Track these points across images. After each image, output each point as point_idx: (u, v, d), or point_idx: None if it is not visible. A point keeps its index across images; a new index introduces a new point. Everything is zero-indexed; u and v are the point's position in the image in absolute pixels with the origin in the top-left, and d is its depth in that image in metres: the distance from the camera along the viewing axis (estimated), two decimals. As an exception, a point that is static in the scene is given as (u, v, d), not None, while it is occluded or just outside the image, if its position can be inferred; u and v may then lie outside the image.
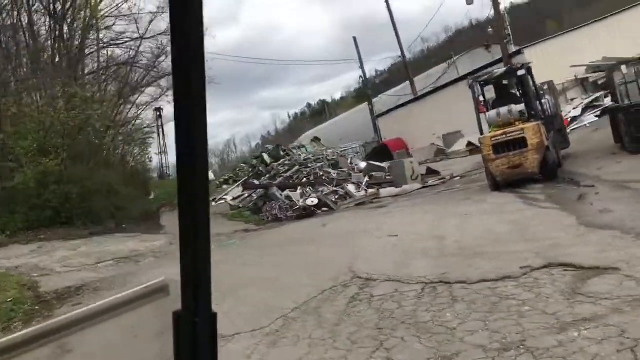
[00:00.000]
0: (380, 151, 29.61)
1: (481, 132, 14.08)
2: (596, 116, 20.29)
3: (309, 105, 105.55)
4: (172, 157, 40.42)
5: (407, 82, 37.71)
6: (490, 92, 14.68)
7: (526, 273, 6.19)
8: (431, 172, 19.99)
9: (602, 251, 6.21)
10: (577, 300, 4.94)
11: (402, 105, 35.45)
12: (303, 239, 12.26)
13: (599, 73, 22.57)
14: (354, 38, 37.56)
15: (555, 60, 22.32)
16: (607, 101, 20.89)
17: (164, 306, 0.95)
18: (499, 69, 14.88)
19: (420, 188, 17.66)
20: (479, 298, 5.60)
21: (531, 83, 14.20)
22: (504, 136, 12.67)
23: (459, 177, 17.94)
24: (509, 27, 24.82)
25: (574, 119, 20.57)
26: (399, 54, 37.59)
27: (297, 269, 8.99)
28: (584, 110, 20.83)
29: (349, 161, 21.76)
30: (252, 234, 15.61)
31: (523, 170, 12.43)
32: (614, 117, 13.91)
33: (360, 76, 38.20)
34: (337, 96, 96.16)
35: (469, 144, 25.21)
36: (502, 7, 23.47)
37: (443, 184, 17.42)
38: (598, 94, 21.53)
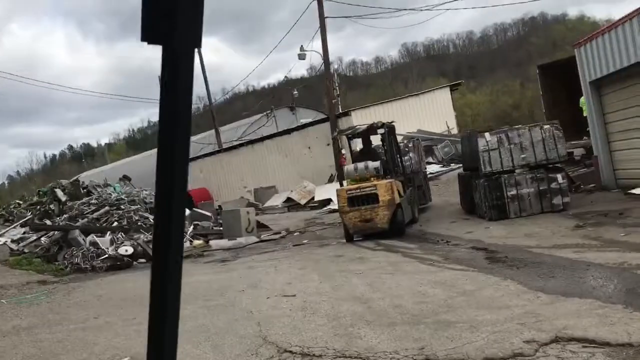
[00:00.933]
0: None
1: (341, 184, 14.32)
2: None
3: (70, 147, 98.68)
4: None
5: (213, 130, 36.11)
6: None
7: (537, 349, 5.01)
8: (260, 226, 18.41)
9: (608, 324, 5.33)
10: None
11: (211, 153, 33.58)
12: (144, 296, 9.62)
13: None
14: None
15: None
16: (430, 168, 21.92)
17: None
18: (362, 125, 14.84)
19: (258, 242, 15.97)
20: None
21: (392, 141, 14.58)
22: (358, 190, 12.96)
23: (297, 233, 16.66)
24: (337, 88, 25.15)
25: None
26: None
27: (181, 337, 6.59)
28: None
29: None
30: (57, 287, 12.15)
31: (373, 224, 12.83)
32: (467, 183, 14.13)
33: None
34: (104, 141, 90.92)
35: (288, 199, 24.35)
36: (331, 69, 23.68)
37: (283, 239, 15.98)
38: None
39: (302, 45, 24.12)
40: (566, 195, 12.58)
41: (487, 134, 12.89)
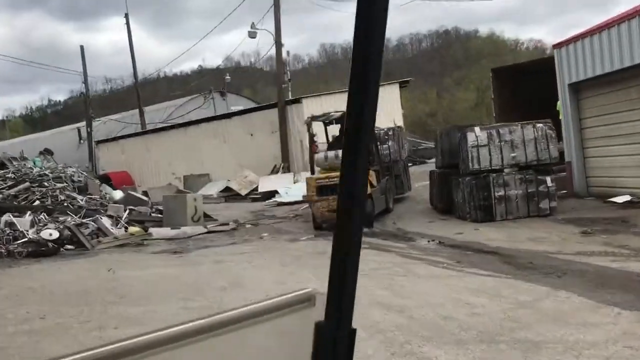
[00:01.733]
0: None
1: (312, 172, 13.76)
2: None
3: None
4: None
5: (137, 110, 33.42)
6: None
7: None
8: (204, 216, 16.58)
9: None
10: None
11: (136, 134, 30.88)
12: (92, 291, 7.79)
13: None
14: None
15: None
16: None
17: (308, 316, 0.93)
18: (337, 112, 14.12)
19: (206, 232, 14.20)
20: None
21: None
22: (327, 180, 12.43)
23: (250, 225, 15.04)
24: (288, 72, 23.61)
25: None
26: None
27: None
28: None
29: (100, 187, 16.74)
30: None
31: None
32: (444, 182, 13.18)
33: (82, 92, 32.21)
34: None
35: (226, 189, 22.53)
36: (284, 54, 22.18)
37: (234, 231, 14.32)
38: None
39: (253, 23, 22.38)
40: (554, 199, 11.90)
41: (477, 129, 11.97)
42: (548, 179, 11.85)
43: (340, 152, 12.72)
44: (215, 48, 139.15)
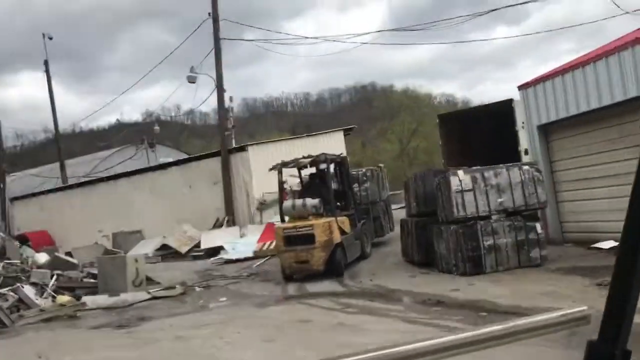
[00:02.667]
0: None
1: (282, 221, 13.25)
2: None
3: None
4: None
5: (57, 164, 30.68)
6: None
7: None
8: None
9: None
10: None
11: (58, 189, 28.07)
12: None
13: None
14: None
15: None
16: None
17: (581, 334, 0.95)
18: (306, 158, 13.78)
19: (150, 299, 12.25)
20: None
21: (345, 173, 14.32)
22: (294, 230, 12.20)
23: (200, 289, 13.18)
24: (232, 119, 22.08)
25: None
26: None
27: None
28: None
29: (20, 249, 14.33)
30: None
31: (309, 267, 12.15)
32: (422, 231, 12.02)
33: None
34: None
35: (163, 246, 20.40)
36: (227, 101, 20.77)
37: (184, 296, 12.44)
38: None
39: (192, 66, 20.87)
40: (544, 247, 10.97)
41: (460, 172, 10.95)
42: (537, 225, 10.95)
43: (308, 200, 11.97)
44: (133, 102, 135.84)
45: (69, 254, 19.10)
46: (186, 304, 11.31)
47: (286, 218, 12.93)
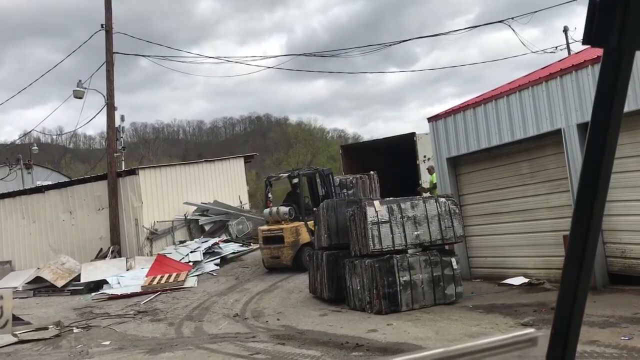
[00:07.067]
0: None
1: (267, 224, 16.03)
2: (216, 264, 17.40)
3: None
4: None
5: None
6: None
7: None
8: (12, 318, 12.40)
9: None
10: None
11: None
12: None
13: (206, 217, 20.12)
14: None
15: (170, 189, 19.01)
16: (226, 248, 18.41)
17: (528, 356, 0.96)
18: (285, 173, 17.16)
19: (16, 342, 10.39)
20: None
21: (329, 183, 16.05)
22: (269, 232, 15.21)
23: (79, 330, 11.41)
24: (122, 140, 20.13)
25: (196, 263, 17.01)
26: None
27: None
28: (204, 255, 17.58)
29: None
30: None
31: (280, 261, 14.89)
32: (335, 265, 11.19)
33: None
34: None
35: (37, 279, 17.97)
36: (118, 119, 18.98)
37: (58, 338, 10.65)
38: (212, 240, 18.81)
39: (80, 81, 18.66)
40: (459, 283, 10.51)
41: (376, 203, 10.30)
42: (453, 260, 10.48)
43: (281, 208, 15.17)
44: (15, 123, 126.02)
45: None
46: (61, 350, 9.61)
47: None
